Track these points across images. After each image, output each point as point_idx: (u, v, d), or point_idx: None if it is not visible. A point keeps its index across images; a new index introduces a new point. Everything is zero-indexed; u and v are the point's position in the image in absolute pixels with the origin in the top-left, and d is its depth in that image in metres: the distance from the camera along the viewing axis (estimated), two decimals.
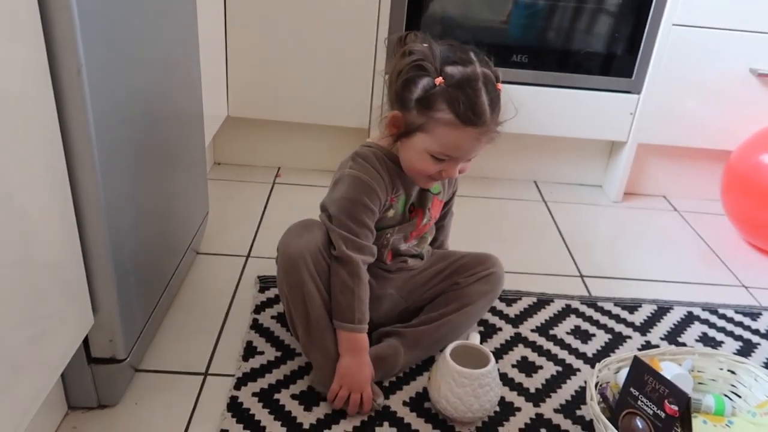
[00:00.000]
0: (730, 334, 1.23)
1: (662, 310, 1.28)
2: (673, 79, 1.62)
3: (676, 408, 0.84)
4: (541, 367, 1.10)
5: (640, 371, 0.89)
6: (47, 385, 0.79)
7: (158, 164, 1.02)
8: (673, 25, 1.57)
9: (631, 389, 0.90)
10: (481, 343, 1.03)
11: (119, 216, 0.86)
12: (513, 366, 1.09)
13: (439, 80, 0.88)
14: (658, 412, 0.86)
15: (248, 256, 1.35)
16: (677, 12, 1.56)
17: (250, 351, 1.07)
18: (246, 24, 1.55)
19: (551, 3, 1.61)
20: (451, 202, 1.16)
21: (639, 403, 0.88)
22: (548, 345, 1.15)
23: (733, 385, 1.03)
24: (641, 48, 1.61)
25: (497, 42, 1.66)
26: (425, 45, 0.91)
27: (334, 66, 1.59)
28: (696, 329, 1.23)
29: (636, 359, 0.91)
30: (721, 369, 1.03)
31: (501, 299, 1.24)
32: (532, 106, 1.65)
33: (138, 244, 0.95)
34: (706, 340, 1.21)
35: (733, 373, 1.03)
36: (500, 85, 0.93)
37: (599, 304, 1.28)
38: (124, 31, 0.84)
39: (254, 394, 0.99)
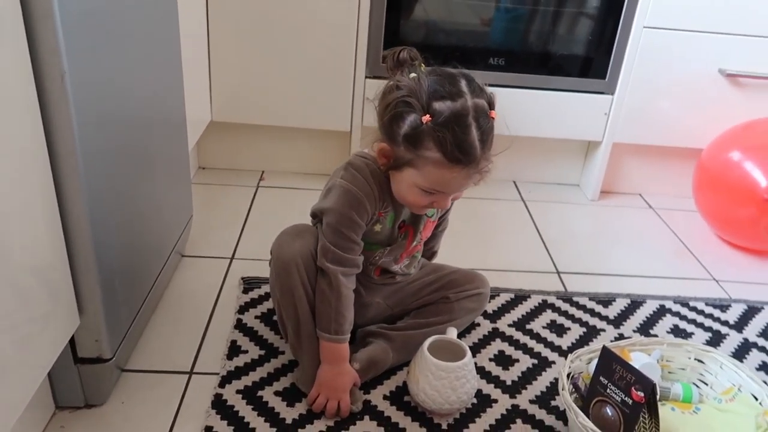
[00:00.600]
0: (700, 325, 1.27)
1: (635, 303, 1.32)
2: (645, 80, 1.67)
3: (642, 394, 0.88)
4: (517, 361, 1.13)
5: (609, 361, 0.93)
6: (34, 385, 0.82)
7: (142, 168, 1.04)
8: (644, 27, 1.62)
9: (601, 378, 0.93)
10: (458, 337, 1.07)
11: (104, 219, 0.88)
12: (490, 360, 1.13)
13: (426, 118, 0.87)
14: (626, 399, 0.89)
15: (232, 258, 1.38)
16: (648, 15, 1.60)
17: (234, 350, 1.10)
18: (228, 29, 1.57)
19: (528, 8, 1.66)
20: (446, 216, 1.18)
21: (608, 391, 0.92)
22: (525, 339, 1.19)
23: (700, 374, 1.07)
24: (614, 50, 1.65)
25: (475, 46, 1.70)
26: (413, 76, 0.90)
27: (316, 70, 1.62)
28: (668, 321, 1.28)
29: (604, 349, 0.94)
30: (689, 358, 1.07)
31: None
32: (510, 107, 1.68)
33: (122, 246, 0.97)
34: (677, 331, 1.25)
35: (700, 362, 1.07)
36: (494, 113, 0.91)
37: (575, 299, 1.32)
38: (107, 38, 0.86)
39: (238, 392, 1.01)
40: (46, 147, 0.77)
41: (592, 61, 1.69)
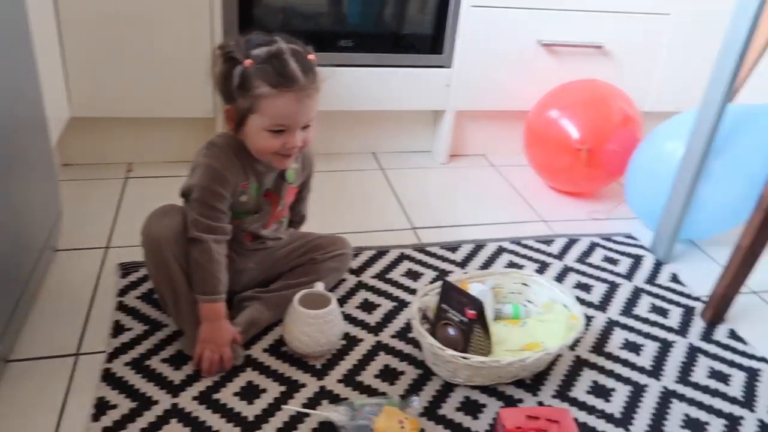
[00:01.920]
0: (530, 258, 1.51)
1: (478, 247, 1.53)
2: (477, 52, 1.88)
3: (474, 312, 1.07)
4: (379, 305, 1.30)
5: (448, 290, 1.12)
6: None
7: (3, 169, 1.08)
8: (472, 6, 1.83)
9: (443, 306, 1.12)
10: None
11: None
12: (356, 307, 1.29)
13: (248, 62, 1.01)
14: (462, 318, 1.09)
15: (107, 247, 1.42)
16: None
17: (118, 329, 1.17)
18: (80, 24, 1.58)
19: None
20: (308, 182, 1.30)
21: (449, 314, 1.11)
22: (386, 287, 1.36)
23: (526, 295, 1.29)
24: (447, 28, 1.85)
25: (324, 29, 1.82)
26: (233, 42, 1.04)
27: (174, 58, 1.67)
28: (504, 258, 1.50)
29: (445, 282, 1.13)
30: (516, 283, 1.29)
31: None
32: (362, 85, 1.84)
33: None
34: (512, 265, 1.47)
35: (525, 285, 1.29)
36: (313, 56, 1.06)
37: (428, 249, 1.51)
38: None
39: (126, 364, 1.09)
40: None
41: (430, 39, 1.88)
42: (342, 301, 1.29)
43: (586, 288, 1.41)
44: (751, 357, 1.24)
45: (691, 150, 1.45)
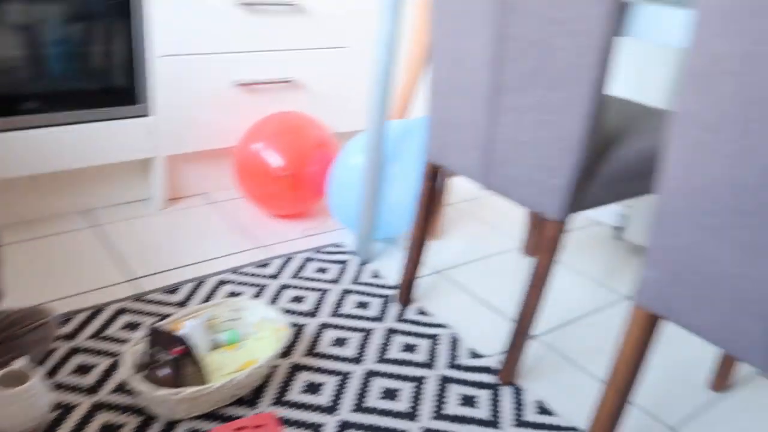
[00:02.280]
0: (249, 284, 1.62)
1: (199, 284, 1.60)
2: (176, 98, 1.95)
3: (179, 348, 1.14)
4: (97, 365, 1.29)
5: (156, 335, 1.17)
6: None
7: None
8: (160, 57, 1.89)
9: (153, 349, 1.17)
10: (40, 364, 1.17)
11: None
12: (70, 373, 1.26)
13: None
14: (171, 357, 1.15)
15: None
16: (159, 47, 1.87)
17: None
18: None
19: (49, 51, 1.76)
20: None
21: (159, 356, 1.16)
22: (102, 345, 1.35)
23: (244, 319, 1.40)
24: (136, 80, 1.88)
25: (8, 94, 1.73)
26: None
27: None
28: (225, 289, 1.59)
29: (151, 329, 1.18)
30: (230, 311, 1.38)
31: None
32: (62, 144, 1.79)
33: None
34: (233, 294, 1.57)
35: (239, 311, 1.39)
36: None
37: (148, 297, 1.53)
38: None
39: None
40: None
41: (125, 91, 1.89)
42: (54, 371, 1.26)
43: (300, 300, 1.57)
44: (432, 325, 1.50)
45: (369, 161, 1.70)
